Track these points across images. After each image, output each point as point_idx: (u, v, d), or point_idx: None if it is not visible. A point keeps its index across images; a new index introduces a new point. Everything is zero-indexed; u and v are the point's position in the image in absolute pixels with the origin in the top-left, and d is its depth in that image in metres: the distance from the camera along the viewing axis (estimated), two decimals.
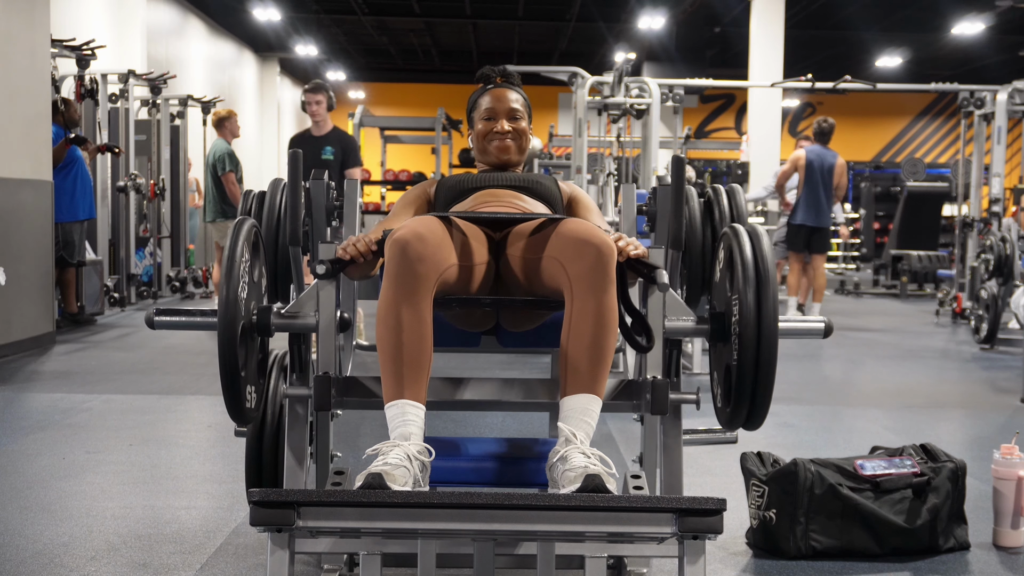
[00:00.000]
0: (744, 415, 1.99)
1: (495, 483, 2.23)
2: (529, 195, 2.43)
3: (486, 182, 2.46)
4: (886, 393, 5.57)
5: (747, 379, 1.94)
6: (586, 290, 1.98)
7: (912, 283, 11.60)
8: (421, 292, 1.96)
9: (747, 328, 1.92)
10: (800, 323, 2.20)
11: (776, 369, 1.94)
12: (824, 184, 8.10)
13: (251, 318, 2.06)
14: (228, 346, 1.92)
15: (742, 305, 1.94)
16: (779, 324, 1.93)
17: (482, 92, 2.56)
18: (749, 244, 2.00)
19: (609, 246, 2.00)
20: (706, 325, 2.13)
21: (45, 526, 2.99)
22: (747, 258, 1.97)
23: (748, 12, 12.15)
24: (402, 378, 1.93)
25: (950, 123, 21.41)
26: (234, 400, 1.98)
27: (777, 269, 9.74)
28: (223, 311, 1.92)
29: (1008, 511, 2.89)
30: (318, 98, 6.45)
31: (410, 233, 1.98)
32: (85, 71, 7.94)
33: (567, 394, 1.96)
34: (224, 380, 1.95)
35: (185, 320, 2.24)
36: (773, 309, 1.93)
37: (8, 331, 6.15)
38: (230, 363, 1.93)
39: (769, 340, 1.91)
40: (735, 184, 2.79)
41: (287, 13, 15.24)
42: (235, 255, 1.96)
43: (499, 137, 2.50)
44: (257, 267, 2.12)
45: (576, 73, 7.93)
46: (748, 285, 1.94)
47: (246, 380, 2.02)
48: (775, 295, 1.94)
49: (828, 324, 2.19)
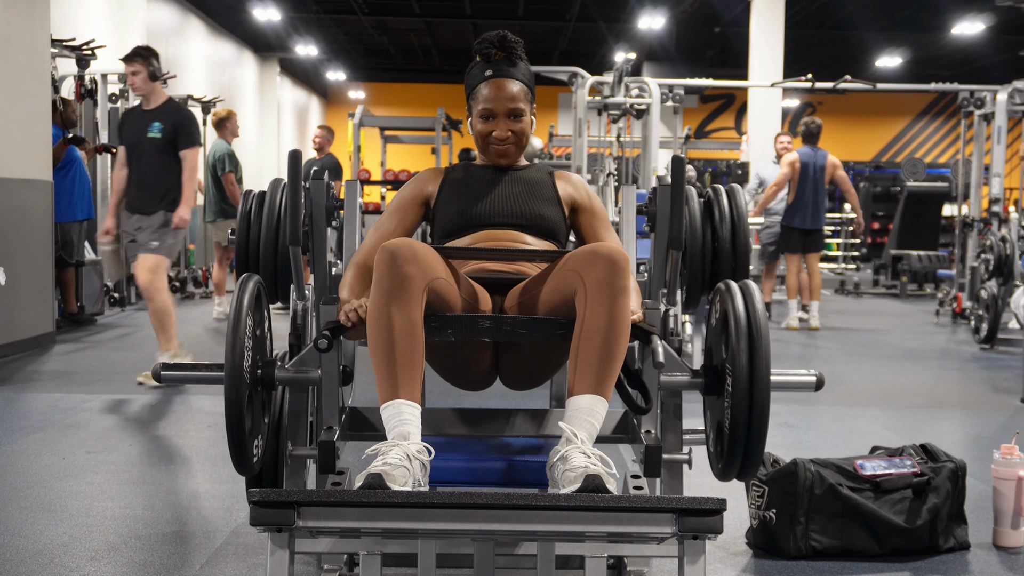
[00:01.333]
0: (736, 470, 2.07)
1: (495, 483, 2.23)
2: (531, 233, 2.37)
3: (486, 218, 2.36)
4: (886, 393, 5.57)
5: (739, 440, 2.00)
6: (601, 293, 1.98)
7: (912, 283, 11.61)
8: (410, 292, 1.96)
9: (740, 391, 1.98)
10: (792, 377, 2.24)
11: (767, 428, 2.00)
12: (817, 185, 8.11)
13: (256, 373, 2.11)
14: (234, 407, 1.98)
15: (735, 367, 1.99)
16: (771, 379, 1.99)
17: (481, 77, 2.38)
18: (742, 301, 2.04)
19: (623, 255, 2.01)
20: (700, 379, 2.19)
21: (45, 526, 2.99)
22: (740, 319, 2.01)
23: (748, 12, 12.15)
24: (396, 378, 1.93)
25: (950, 123, 21.42)
26: (241, 457, 2.04)
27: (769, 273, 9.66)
28: (229, 373, 1.96)
29: (1008, 511, 2.89)
30: (133, 68, 5.42)
31: (400, 240, 2.00)
32: (85, 71, 7.93)
33: (573, 394, 1.97)
34: (231, 438, 2.01)
35: (192, 375, 2.31)
36: (765, 372, 1.98)
37: (8, 331, 6.15)
38: (237, 422, 1.99)
39: (761, 403, 1.97)
40: (735, 184, 2.79)
41: (287, 13, 15.24)
42: (240, 316, 2.00)
43: (497, 142, 2.40)
44: (261, 324, 2.17)
45: (576, 73, 7.93)
46: (741, 347, 1.99)
47: (252, 435, 2.07)
48: (767, 356, 1.98)
49: (819, 378, 2.24)
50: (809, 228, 8.15)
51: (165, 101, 5.52)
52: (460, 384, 2.36)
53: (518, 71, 2.37)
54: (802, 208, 8.12)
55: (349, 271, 2.30)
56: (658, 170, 7.45)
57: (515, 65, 2.38)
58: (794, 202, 8.14)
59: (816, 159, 8.12)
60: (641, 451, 2.13)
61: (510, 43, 2.37)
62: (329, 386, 2.19)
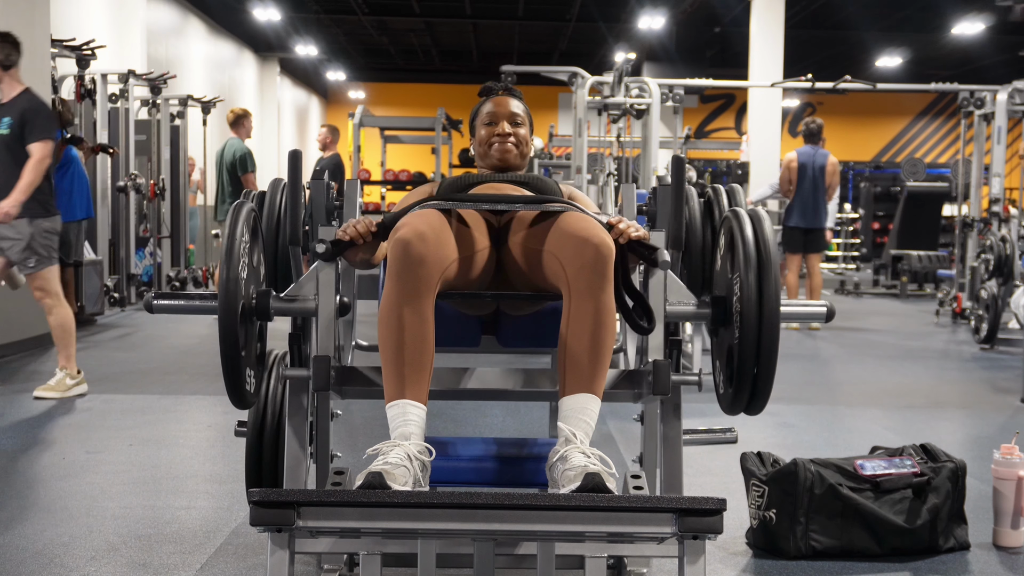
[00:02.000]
0: (746, 398, 1.99)
1: (495, 483, 2.23)
2: (530, 189, 2.44)
3: (488, 179, 2.47)
4: (886, 393, 5.57)
5: (749, 361, 1.94)
6: (584, 290, 1.99)
7: (912, 283, 11.61)
8: (423, 293, 1.97)
9: (749, 309, 1.92)
10: (802, 306, 2.21)
11: (778, 351, 1.93)
12: (816, 185, 8.13)
13: (251, 301, 2.06)
14: (229, 324, 1.92)
15: (743, 286, 1.94)
16: (781, 307, 1.93)
17: (484, 102, 2.59)
18: (750, 226, 2.00)
19: (608, 245, 2.00)
20: (707, 309, 2.13)
21: (45, 526, 2.99)
22: (748, 240, 1.97)
23: (748, 12, 12.14)
24: (403, 378, 1.93)
25: (950, 123, 21.41)
26: (234, 380, 1.98)
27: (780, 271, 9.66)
28: (224, 289, 1.92)
29: (1008, 511, 2.89)
30: None
31: (412, 232, 1.98)
32: (85, 71, 7.93)
33: (566, 394, 1.97)
34: (224, 359, 1.94)
35: (184, 304, 2.22)
36: (775, 290, 1.93)
37: (8, 331, 6.15)
38: (231, 341, 1.93)
39: (771, 321, 1.91)
40: (735, 184, 2.79)
41: (287, 13, 15.23)
42: (235, 235, 1.96)
43: (500, 140, 2.50)
44: (256, 251, 2.12)
45: (576, 73, 7.93)
46: (749, 266, 1.94)
47: (246, 362, 2.02)
48: (777, 277, 1.94)
49: (830, 308, 2.19)
50: (809, 227, 8.16)
51: (20, 92, 4.94)
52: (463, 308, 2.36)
53: (518, 100, 2.61)
54: (802, 207, 8.14)
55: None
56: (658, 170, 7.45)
57: (515, 97, 2.61)
58: (793, 201, 8.16)
59: (816, 158, 8.14)
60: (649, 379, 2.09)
61: (511, 87, 2.63)
62: (325, 315, 2.13)
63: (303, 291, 2.15)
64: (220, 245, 2.05)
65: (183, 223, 10.41)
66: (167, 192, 9.85)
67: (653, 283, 2.15)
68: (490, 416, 4.65)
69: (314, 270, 2.14)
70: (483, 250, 2.18)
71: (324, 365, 2.06)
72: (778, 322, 1.92)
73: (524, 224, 2.19)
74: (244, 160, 8.13)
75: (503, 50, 18.48)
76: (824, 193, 8.21)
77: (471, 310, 2.37)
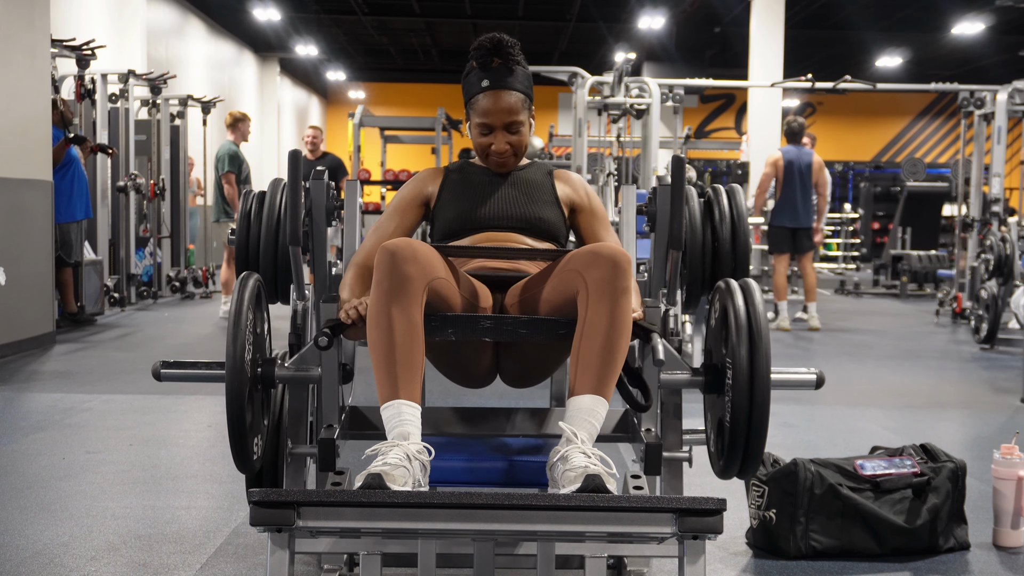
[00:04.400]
0: (737, 468, 2.07)
1: (495, 483, 2.23)
2: (531, 235, 2.37)
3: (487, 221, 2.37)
4: (886, 393, 5.57)
5: (740, 437, 2.00)
6: (602, 293, 1.98)
7: (912, 283, 11.61)
8: (410, 293, 1.96)
9: (740, 388, 1.98)
10: (792, 375, 2.23)
11: (768, 425, 2.00)
12: (803, 184, 8.15)
13: (256, 371, 2.11)
14: (236, 404, 1.98)
15: (735, 364, 1.99)
16: (772, 377, 1.99)
17: (478, 87, 2.34)
18: (743, 301, 2.04)
19: (625, 256, 2.02)
20: (700, 377, 2.18)
21: (45, 526, 2.99)
22: (740, 316, 2.01)
23: (748, 12, 12.14)
24: (396, 378, 1.93)
25: (950, 123, 21.42)
26: (242, 454, 2.04)
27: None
28: (230, 369, 1.97)
29: (1008, 511, 2.89)
30: None
31: (400, 241, 2.00)
32: (85, 71, 7.93)
33: (574, 394, 1.97)
34: (232, 436, 2.01)
35: (192, 373, 2.29)
36: (765, 364, 1.97)
37: (8, 331, 6.15)
38: (238, 420, 1.99)
39: (761, 400, 1.97)
40: (735, 184, 2.79)
41: (287, 13, 15.24)
42: (241, 313, 2.01)
43: (497, 155, 2.39)
44: (260, 321, 2.17)
45: (576, 73, 7.93)
46: (741, 340, 1.99)
47: (252, 432, 2.07)
48: (767, 353, 1.98)
49: (820, 376, 2.24)
50: (797, 227, 8.18)
51: None
52: (460, 381, 2.36)
53: (516, 79, 2.33)
54: (790, 207, 8.15)
55: (349, 271, 2.30)
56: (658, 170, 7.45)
57: (512, 73, 2.33)
58: (781, 201, 8.17)
59: (801, 157, 8.17)
60: (641, 449, 2.13)
61: (507, 48, 2.32)
62: (329, 384, 2.20)
63: (307, 360, 2.22)
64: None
65: (183, 223, 10.41)
66: (167, 192, 9.86)
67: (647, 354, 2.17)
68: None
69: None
70: (487, 307, 2.20)
71: (329, 448, 2.10)
72: (768, 399, 1.98)
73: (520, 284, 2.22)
74: (223, 160, 8.14)
75: None
76: (811, 192, 8.24)
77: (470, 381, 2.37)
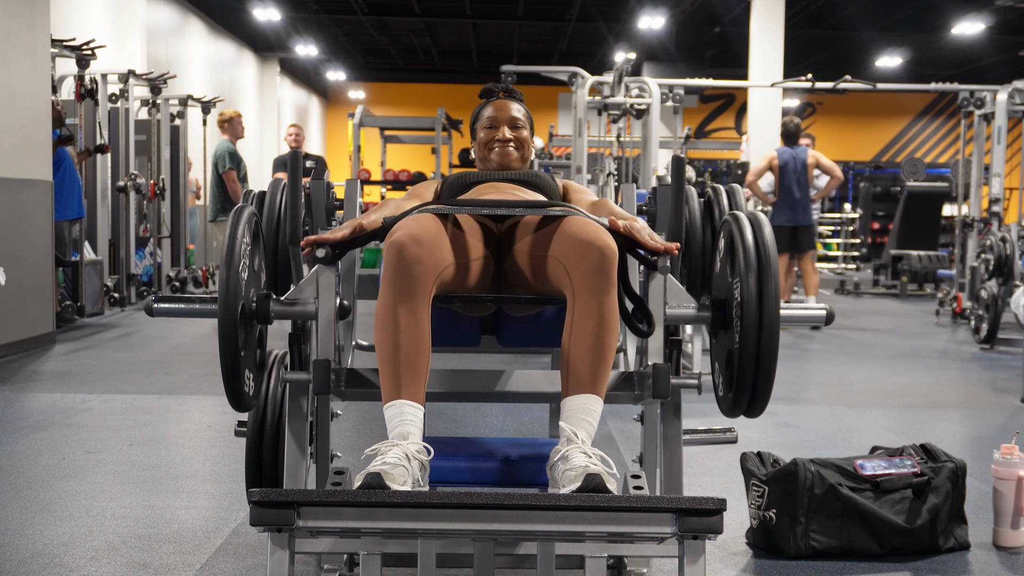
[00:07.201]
0: (746, 402, 1.99)
1: (495, 483, 2.23)
2: (529, 188, 2.44)
3: (488, 177, 2.49)
4: (886, 393, 5.57)
5: (749, 365, 1.94)
6: (588, 292, 1.99)
7: (912, 283, 11.61)
8: (418, 294, 1.97)
9: (749, 313, 1.92)
10: (802, 310, 2.20)
11: (778, 355, 1.93)
12: (799, 182, 8.22)
13: (251, 304, 2.05)
14: (229, 327, 1.91)
15: (743, 290, 1.94)
16: (781, 310, 1.93)
17: (485, 104, 2.61)
18: (750, 230, 2.00)
19: (611, 248, 2.01)
20: (707, 312, 2.13)
21: (45, 526, 2.99)
22: (748, 244, 1.97)
23: (748, 12, 12.14)
24: (400, 379, 1.93)
25: (950, 123, 21.41)
26: (234, 383, 1.97)
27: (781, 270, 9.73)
28: (224, 291, 1.91)
29: (1008, 511, 2.89)
30: None
31: (406, 235, 1.98)
32: (85, 71, 7.94)
33: (569, 394, 1.97)
34: (224, 362, 1.93)
35: (184, 307, 2.21)
36: (775, 294, 1.93)
37: (8, 331, 6.15)
38: (231, 345, 1.92)
39: (771, 325, 1.91)
40: (735, 184, 2.79)
41: (287, 13, 15.24)
42: (236, 238, 1.96)
43: (500, 144, 2.53)
44: (257, 255, 2.12)
45: (576, 73, 7.93)
46: (749, 270, 1.94)
47: (245, 365, 2.02)
48: (776, 280, 1.94)
49: (830, 310, 2.19)
50: (796, 225, 8.21)
51: None
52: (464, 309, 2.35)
53: (519, 103, 2.63)
54: (788, 206, 8.23)
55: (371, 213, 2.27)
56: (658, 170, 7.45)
57: (516, 99, 2.63)
58: (779, 200, 8.25)
59: (796, 156, 8.24)
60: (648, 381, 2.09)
61: (512, 89, 2.65)
62: (326, 319, 2.13)
63: (303, 294, 2.14)
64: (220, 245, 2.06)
65: (183, 223, 10.42)
66: (167, 192, 9.86)
67: (653, 286, 2.15)
68: (490, 416, 4.65)
69: (314, 273, 2.14)
70: (480, 258, 2.17)
71: (324, 369, 2.05)
72: (778, 327, 1.92)
73: (526, 230, 2.18)
74: (223, 158, 8.14)
75: (503, 50, 18.48)
76: (808, 190, 8.29)
77: (471, 311, 2.37)
